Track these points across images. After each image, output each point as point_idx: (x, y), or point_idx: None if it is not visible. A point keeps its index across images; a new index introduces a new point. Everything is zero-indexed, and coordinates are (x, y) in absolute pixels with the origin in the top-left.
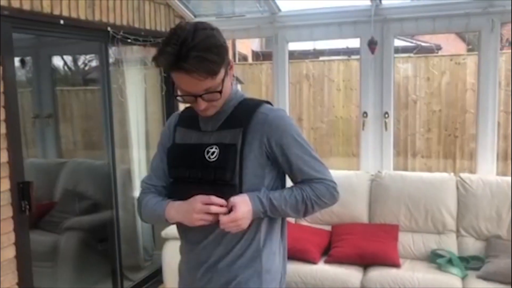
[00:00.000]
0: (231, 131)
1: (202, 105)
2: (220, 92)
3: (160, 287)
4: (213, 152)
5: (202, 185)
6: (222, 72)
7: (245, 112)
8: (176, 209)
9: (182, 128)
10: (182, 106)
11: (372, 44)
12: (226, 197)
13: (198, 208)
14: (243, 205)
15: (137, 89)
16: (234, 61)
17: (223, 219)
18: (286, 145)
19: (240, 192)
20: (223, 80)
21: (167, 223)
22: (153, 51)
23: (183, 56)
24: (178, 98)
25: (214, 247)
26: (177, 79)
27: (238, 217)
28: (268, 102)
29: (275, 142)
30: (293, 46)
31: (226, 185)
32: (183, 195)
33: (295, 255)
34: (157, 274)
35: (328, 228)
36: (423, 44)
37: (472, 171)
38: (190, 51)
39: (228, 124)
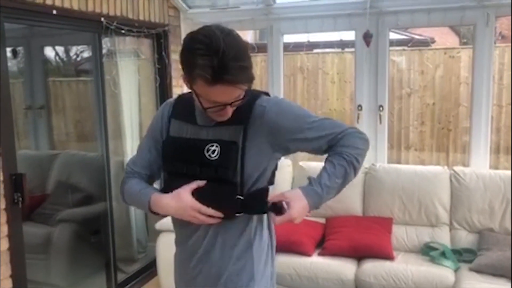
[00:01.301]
0: (230, 128)
1: (230, 112)
2: (246, 96)
3: (154, 279)
4: (214, 151)
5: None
6: None
7: (243, 107)
8: (164, 207)
9: (177, 120)
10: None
11: (367, 37)
12: (225, 195)
13: (189, 214)
14: (298, 202)
15: (130, 80)
16: None
17: (276, 220)
18: (294, 128)
19: (241, 189)
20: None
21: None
22: (146, 42)
23: (225, 67)
24: (209, 110)
25: (205, 238)
26: (215, 91)
27: (293, 216)
28: (265, 93)
29: (282, 131)
30: (287, 38)
31: (227, 183)
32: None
33: (289, 248)
34: (151, 267)
35: (322, 220)
36: (416, 37)
37: (465, 164)
38: (230, 61)
39: (227, 119)
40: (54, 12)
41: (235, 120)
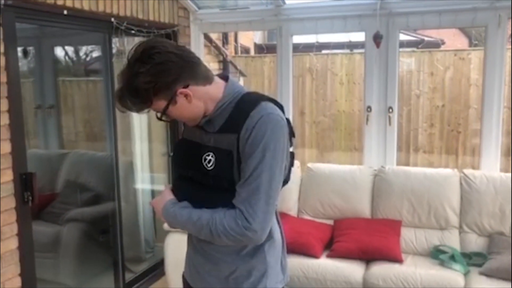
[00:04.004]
0: (227, 136)
1: (172, 114)
2: (160, 118)
3: (162, 279)
4: (210, 160)
5: (204, 188)
6: (159, 104)
7: (240, 115)
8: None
9: None
10: None
11: (377, 38)
12: (227, 201)
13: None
14: (160, 202)
15: None
16: (236, 53)
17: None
18: (249, 153)
19: None
20: (164, 109)
21: None
22: None
23: (117, 92)
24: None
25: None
26: None
27: (152, 204)
28: (270, 99)
29: (245, 146)
30: (296, 39)
31: (227, 191)
32: (188, 194)
33: (297, 249)
34: (158, 267)
35: (331, 222)
36: (426, 38)
37: (474, 167)
38: (120, 91)
39: (226, 127)
40: (65, 12)
41: (232, 128)
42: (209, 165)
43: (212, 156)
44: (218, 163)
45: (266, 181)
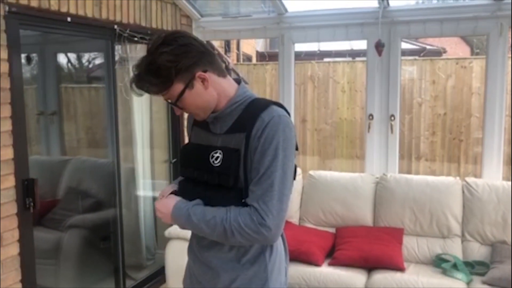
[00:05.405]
0: (235, 136)
1: (176, 111)
2: (175, 104)
3: (162, 286)
4: (217, 157)
5: (209, 187)
6: (177, 87)
7: (250, 116)
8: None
9: (197, 127)
10: None
11: (379, 46)
12: (231, 201)
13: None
14: (169, 203)
15: None
16: (238, 61)
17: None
18: (261, 152)
19: (246, 195)
20: (181, 94)
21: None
22: None
23: (135, 76)
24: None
25: (216, 245)
26: None
27: (156, 206)
28: (277, 104)
29: (257, 145)
30: (298, 47)
31: (232, 189)
32: (192, 195)
33: (299, 257)
34: (159, 274)
35: (332, 230)
36: (428, 47)
37: (476, 175)
38: (137, 72)
39: (234, 128)
40: (69, 19)
41: (240, 128)
42: (216, 162)
43: (220, 154)
44: (225, 160)
45: (279, 179)
